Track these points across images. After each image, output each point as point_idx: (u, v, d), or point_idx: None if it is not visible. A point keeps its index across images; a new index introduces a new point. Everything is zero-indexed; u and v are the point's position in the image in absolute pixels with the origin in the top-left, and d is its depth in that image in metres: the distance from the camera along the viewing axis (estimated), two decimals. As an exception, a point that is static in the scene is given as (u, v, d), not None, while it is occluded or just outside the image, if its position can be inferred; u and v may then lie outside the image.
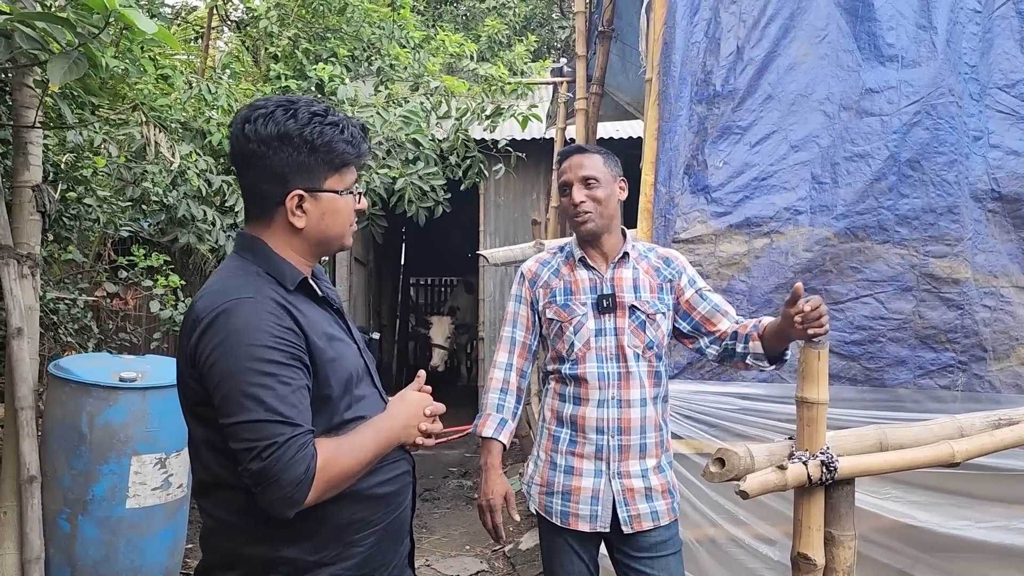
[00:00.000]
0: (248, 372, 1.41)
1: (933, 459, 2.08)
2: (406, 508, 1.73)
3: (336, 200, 1.61)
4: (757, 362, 2.28)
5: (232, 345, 1.43)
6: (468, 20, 14.66)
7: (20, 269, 3.45)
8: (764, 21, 3.37)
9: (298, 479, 1.39)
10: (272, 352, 1.43)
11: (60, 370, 3.57)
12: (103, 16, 2.56)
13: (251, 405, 1.40)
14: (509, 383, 2.46)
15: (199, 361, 1.47)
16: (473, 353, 12.00)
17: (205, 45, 7.95)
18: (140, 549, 3.54)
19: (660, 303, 2.38)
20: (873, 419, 2.93)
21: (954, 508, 3.10)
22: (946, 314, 3.24)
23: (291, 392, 1.43)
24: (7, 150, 3.81)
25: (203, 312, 1.48)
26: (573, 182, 2.37)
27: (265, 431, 1.39)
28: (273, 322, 1.46)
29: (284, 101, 1.60)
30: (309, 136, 1.56)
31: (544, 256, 2.56)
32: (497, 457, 2.41)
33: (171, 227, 5.07)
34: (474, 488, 6.54)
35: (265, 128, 1.54)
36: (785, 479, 1.84)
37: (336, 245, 1.67)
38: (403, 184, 5.60)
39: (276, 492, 1.39)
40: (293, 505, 1.40)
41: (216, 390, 1.44)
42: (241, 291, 1.49)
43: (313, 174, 1.58)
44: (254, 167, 1.57)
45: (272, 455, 1.37)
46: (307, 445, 1.41)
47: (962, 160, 3.27)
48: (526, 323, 2.48)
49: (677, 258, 2.49)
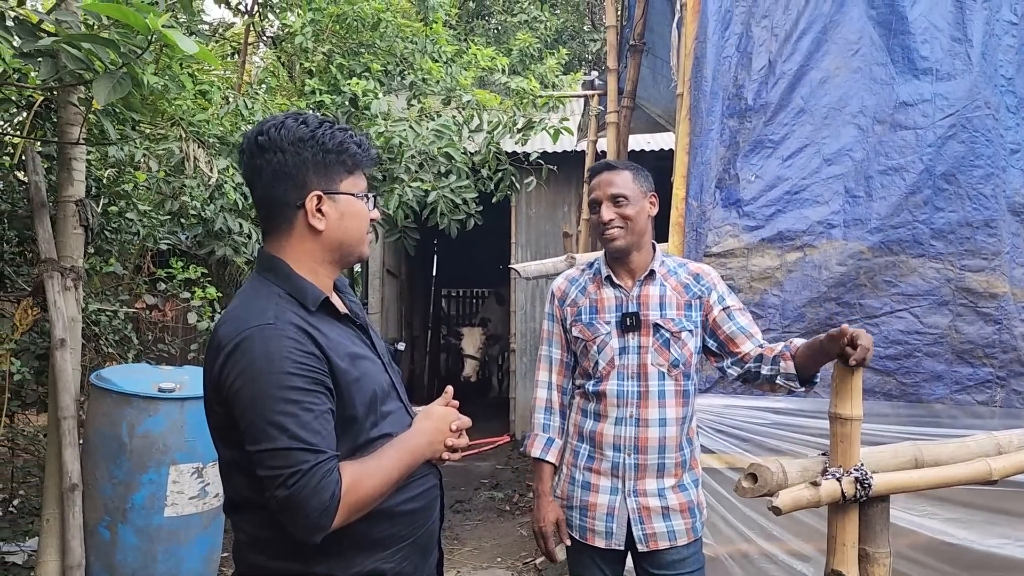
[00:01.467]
0: (271, 400, 1.42)
1: (970, 476, 2.06)
2: (434, 521, 1.74)
3: (354, 202, 1.64)
4: (788, 382, 2.24)
5: (255, 373, 1.44)
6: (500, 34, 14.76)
7: (64, 282, 3.55)
8: (796, 35, 3.37)
9: (323, 506, 1.40)
10: (294, 379, 1.44)
11: (101, 380, 3.64)
12: (146, 37, 2.63)
13: (275, 433, 1.41)
14: (552, 402, 2.49)
15: (223, 387, 1.48)
16: (504, 365, 12.02)
17: (242, 61, 8.09)
18: (177, 557, 3.60)
19: (687, 320, 2.36)
20: (908, 435, 2.89)
21: (991, 526, 3.05)
22: (983, 329, 3.20)
23: (314, 418, 1.44)
24: (52, 166, 3.92)
25: (225, 339, 1.50)
26: (602, 200, 2.37)
27: (290, 459, 1.40)
28: (294, 347, 1.46)
29: (292, 113, 1.64)
30: (322, 138, 1.59)
31: (573, 273, 2.57)
32: (547, 482, 2.44)
33: (208, 240, 5.17)
34: (505, 500, 6.54)
35: (278, 134, 1.58)
36: (819, 496, 1.83)
37: (355, 252, 1.68)
38: (435, 197, 5.65)
39: (302, 519, 1.41)
40: (320, 531, 1.42)
41: (241, 417, 1.45)
42: (262, 317, 1.49)
43: (329, 175, 1.61)
44: (270, 175, 1.59)
45: (297, 483, 1.39)
46: (332, 471, 1.42)
47: (999, 173, 3.23)
48: (561, 341, 2.51)
49: (708, 274, 2.46)
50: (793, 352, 2.20)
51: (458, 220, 5.82)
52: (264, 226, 1.67)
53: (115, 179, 4.53)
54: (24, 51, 2.81)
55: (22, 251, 4.44)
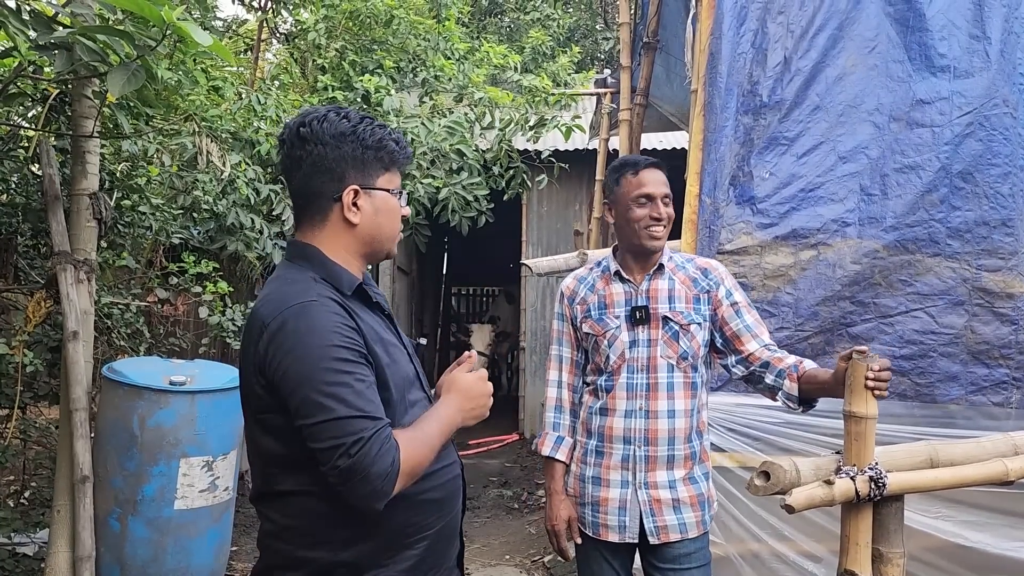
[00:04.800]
0: (325, 372, 1.43)
1: (985, 477, 2.03)
2: (457, 511, 1.75)
3: (389, 199, 1.67)
4: (787, 402, 2.27)
5: (305, 349, 1.45)
6: (512, 32, 14.75)
7: (77, 274, 3.56)
8: (812, 31, 3.34)
9: (386, 472, 1.42)
10: (344, 351, 1.46)
11: (113, 373, 3.66)
12: (160, 29, 2.63)
13: (332, 404, 1.42)
14: (562, 400, 2.51)
15: (269, 368, 1.48)
16: (514, 363, 12.01)
17: (255, 57, 8.10)
18: (187, 550, 3.61)
19: (696, 314, 2.37)
20: (923, 435, 2.87)
21: (1007, 528, 3.02)
22: (1000, 329, 3.17)
23: (366, 388, 1.46)
24: (66, 159, 3.93)
25: (268, 317, 1.50)
26: (657, 197, 2.37)
27: (350, 427, 1.41)
28: (340, 322, 1.49)
29: (335, 108, 1.66)
30: (363, 134, 1.62)
31: (581, 272, 2.58)
32: (559, 480, 2.45)
33: (220, 235, 5.18)
34: (514, 498, 6.54)
35: (320, 127, 1.60)
36: (832, 494, 1.81)
37: (385, 248, 1.70)
38: (447, 194, 5.65)
39: (366, 487, 1.41)
40: (383, 497, 1.43)
41: (292, 395, 1.45)
42: (304, 295, 1.51)
43: (367, 170, 1.63)
44: (309, 166, 1.61)
45: (360, 451, 1.40)
46: (390, 438, 1.44)
47: (1016, 172, 3.20)
48: (571, 340, 2.52)
49: (716, 269, 2.47)
50: (800, 374, 2.21)
51: (469, 217, 5.83)
52: (298, 215, 1.69)
53: (128, 173, 4.54)
54: (40, 43, 2.81)
55: (35, 244, 4.46)
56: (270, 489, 1.57)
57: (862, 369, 1.89)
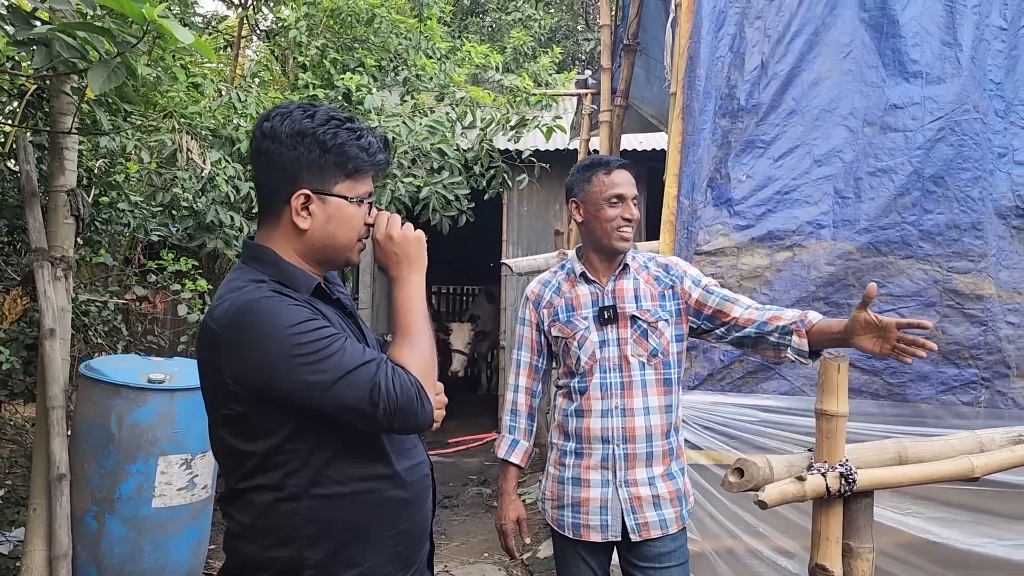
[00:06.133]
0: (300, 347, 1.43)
1: (952, 473, 2.09)
2: (426, 512, 1.73)
3: (345, 207, 1.59)
4: (799, 357, 2.25)
5: (269, 342, 1.43)
6: (494, 32, 14.76)
7: (54, 271, 3.54)
8: (789, 36, 3.39)
9: (414, 396, 1.47)
10: (311, 323, 1.46)
11: (91, 371, 3.64)
12: (141, 27, 2.63)
13: (326, 367, 1.43)
14: (518, 404, 2.55)
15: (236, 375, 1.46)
16: (494, 362, 12.02)
17: (235, 54, 8.07)
18: (165, 548, 3.60)
19: (662, 311, 2.40)
20: (894, 434, 2.91)
21: (975, 525, 3.08)
22: (969, 330, 3.23)
23: (345, 341, 1.48)
24: (43, 155, 3.90)
25: (220, 324, 1.48)
26: (628, 197, 2.40)
27: (359, 378, 1.44)
28: (296, 306, 1.48)
29: (307, 104, 1.62)
30: (323, 136, 1.55)
31: (545, 276, 2.60)
32: (511, 481, 2.51)
33: (199, 232, 5.16)
34: (493, 496, 6.56)
35: (282, 124, 1.56)
36: (804, 490, 1.85)
37: (341, 257, 1.64)
38: (428, 193, 5.66)
39: (409, 418, 1.47)
40: (428, 416, 1.50)
41: (278, 387, 1.43)
42: (256, 292, 1.49)
43: (323, 175, 1.57)
44: (267, 162, 1.58)
45: (382, 394, 1.43)
46: (394, 368, 1.48)
47: (986, 176, 3.27)
48: (532, 344, 2.54)
49: (676, 263, 2.50)
50: (808, 328, 2.21)
51: (450, 216, 5.84)
52: (259, 213, 1.66)
53: (107, 170, 4.51)
54: (18, 39, 2.79)
55: (11, 240, 4.43)
56: (235, 489, 1.55)
57: (833, 368, 1.94)
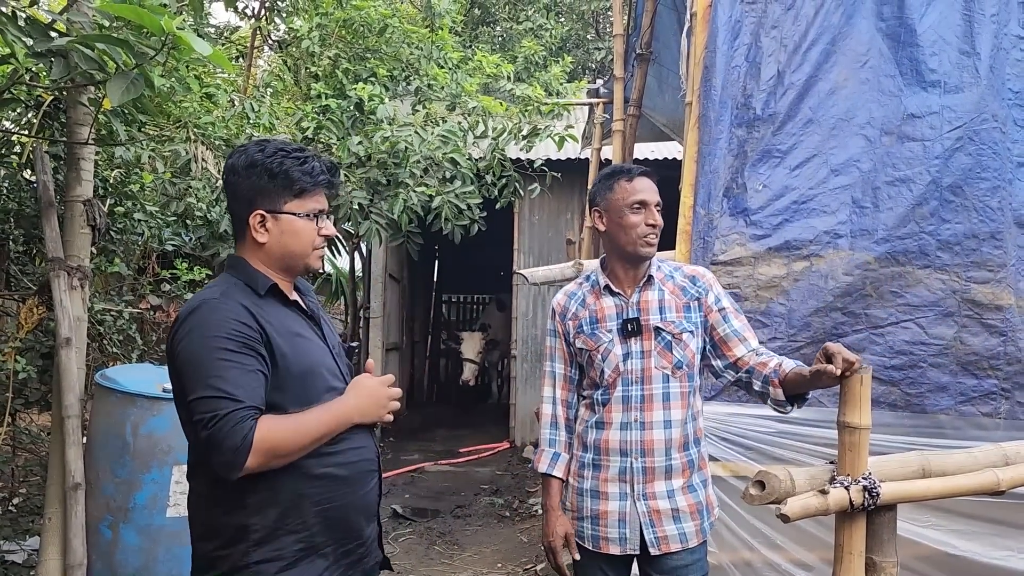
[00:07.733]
0: (203, 358, 1.70)
1: (977, 487, 2.07)
2: (369, 491, 1.94)
3: (295, 222, 1.89)
4: (777, 407, 2.28)
5: (195, 337, 1.73)
6: (505, 41, 14.80)
7: (70, 281, 3.55)
8: (805, 46, 3.38)
9: (236, 446, 1.63)
10: (227, 341, 1.70)
11: (106, 380, 3.64)
12: (159, 38, 2.64)
13: (202, 385, 1.68)
14: (557, 416, 2.52)
15: (173, 353, 1.76)
16: (504, 371, 12.00)
17: (248, 64, 8.10)
18: (179, 558, 3.59)
19: (687, 322, 2.38)
20: (912, 445, 2.89)
21: (996, 538, 3.05)
22: (988, 340, 3.20)
23: (240, 375, 1.69)
24: (59, 165, 3.92)
25: (179, 315, 1.81)
26: (651, 204, 2.39)
27: (210, 405, 1.66)
28: (231, 317, 1.74)
29: (262, 140, 1.94)
30: (270, 165, 1.86)
31: (571, 288, 2.60)
32: (555, 497, 2.47)
33: (212, 242, 5.17)
34: (505, 506, 6.54)
35: (239, 159, 1.88)
36: (827, 503, 1.84)
37: (300, 264, 1.93)
38: (440, 202, 5.65)
39: (219, 456, 1.65)
40: (233, 468, 1.65)
41: (182, 374, 1.73)
42: (210, 294, 1.81)
43: (273, 198, 1.87)
44: (230, 193, 1.91)
45: (215, 425, 1.64)
46: (247, 419, 1.65)
47: (1005, 186, 3.24)
48: (564, 356, 2.54)
49: (704, 275, 2.49)
50: (781, 378, 2.22)
51: (462, 225, 5.83)
52: (233, 233, 1.99)
53: (122, 180, 4.53)
54: (37, 51, 2.81)
55: (28, 250, 4.45)
56: (191, 462, 1.83)
57: (856, 380, 1.92)
